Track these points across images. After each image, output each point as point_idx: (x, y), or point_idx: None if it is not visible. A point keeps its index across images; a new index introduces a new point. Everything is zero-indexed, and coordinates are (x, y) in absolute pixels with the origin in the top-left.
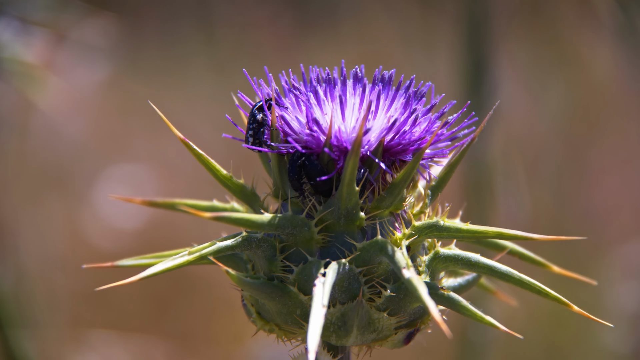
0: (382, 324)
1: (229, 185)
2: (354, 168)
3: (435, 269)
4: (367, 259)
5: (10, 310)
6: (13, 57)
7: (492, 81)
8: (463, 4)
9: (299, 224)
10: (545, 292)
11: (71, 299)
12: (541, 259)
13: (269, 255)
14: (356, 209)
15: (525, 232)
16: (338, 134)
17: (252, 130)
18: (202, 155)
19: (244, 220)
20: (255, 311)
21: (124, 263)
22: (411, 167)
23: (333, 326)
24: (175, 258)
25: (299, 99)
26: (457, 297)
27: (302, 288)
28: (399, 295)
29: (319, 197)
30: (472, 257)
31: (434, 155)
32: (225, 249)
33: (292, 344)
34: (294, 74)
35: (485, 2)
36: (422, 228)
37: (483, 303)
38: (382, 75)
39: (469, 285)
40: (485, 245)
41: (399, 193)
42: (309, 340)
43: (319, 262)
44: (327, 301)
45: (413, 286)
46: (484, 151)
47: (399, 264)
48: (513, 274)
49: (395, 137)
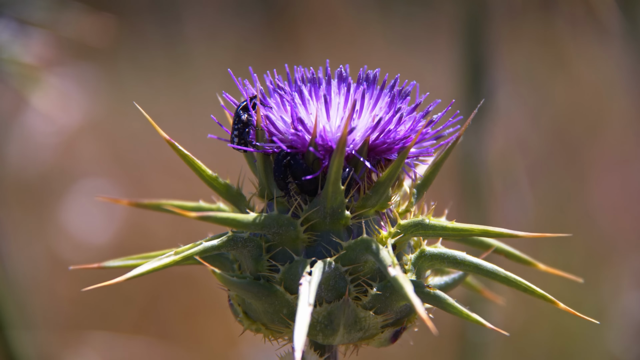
0: (369, 323)
1: (214, 186)
2: (339, 167)
3: (421, 267)
4: (353, 258)
5: (8, 311)
6: (11, 58)
7: (491, 82)
8: (462, 5)
9: (285, 223)
10: (531, 289)
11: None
12: (527, 257)
13: (255, 255)
14: (342, 208)
15: (513, 230)
16: (323, 133)
17: (237, 131)
18: (188, 155)
19: (229, 219)
20: (242, 311)
21: (110, 264)
22: (396, 166)
23: (319, 325)
24: (162, 258)
25: (284, 99)
26: (443, 295)
27: (288, 287)
28: (385, 293)
29: (304, 197)
30: (457, 255)
31: (419, 154)
32: (211, 248)
33: (279, 343)
34: (279, 74)
35: (484, 3)
36: (408, 226)
37: (482, 305)
38: (367, 75)
39: (455, 283)
40: (472, 243)
41: (385, 192)
42: (296, 339)
43: (305, 261)
44: (313, 300)
45: (399, 284)
46: (482, 152)
47: (385, 262)
48: (499, 271)
49: (380, 136)
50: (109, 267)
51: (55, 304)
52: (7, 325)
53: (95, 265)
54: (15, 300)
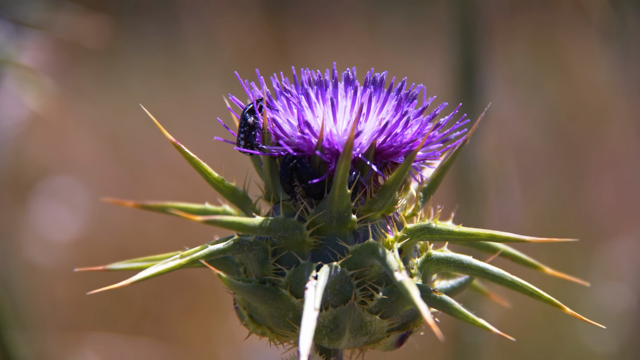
0: (375, 327)
1: (220, 188)
2: (346, 171)
3: (427, 271)
4: (359, 262)
5: (6, 312)
6: (6, 60)
7: (484, 83)
8: (455, 5)
9: (291, 227)
10: (538, 294)
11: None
12: (534, 260)
13: (260, 259)
14: (348, 212)
15: (518, 234)
16: (330, 136)
17: (243, 134)
18: (194, 158)
19: (235, 223)
20: (248, 314)
21: (115, 267)
22: (403, 170)
23: (325, 329)
24: (167, 262)
25: (291, 102)
26: (449, 299)
27: (294, 291)
28: (391, 298)
29: (310, 200)
30: (464, 259)
31: (426, 157)
32: (217, 252)
33: (284, 347)
34: (285, 77)
35: (476, 4)
36: (414, 230)
37: (475, 304)
38: (374, 78)
39: (461, 287)
40: (478, 247)
41: (391, 195)
42: (301, 344)
43: (310, 265)
44: (319, 304)
45: (405, 289)
46: (475, 153)
47: (391, 267)
48: (505, 276)
49: (387, 140)
50: (114, 269)
51: (54, 305)
52: (5, 326)
53: (100, 268)
54: (13, 301)
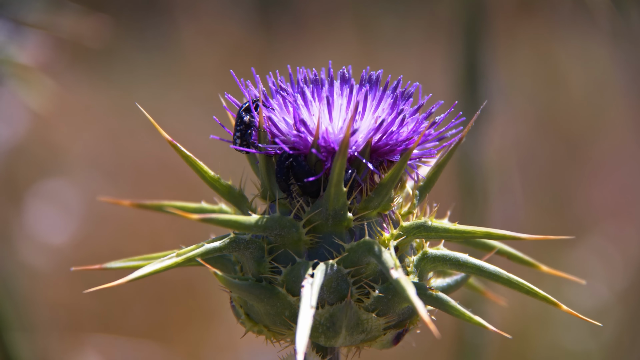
0: (371, 325)
1: (216, 187)
2: (342, 169)
3: (423, 269)
4: (356, 260)
5: (7, 313)
6: (7, 59)
7: (488, 83)
8: (459, 6)
9: (287, 225)
10: (534, 291)
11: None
12: (530, 258)
13: (257, 257)
14: (344, 210)
15: (515, 232)
16: (325, 134)
17: (239, 132)
18: (190, 157)
19: (231, 221)
20: (244, 312)
21: (112, 265)
22: (399, 168)
23: (322, 327)
24: (163, 260)
25: (287, 100)
26: (445, 297)
27: (290, 289)
28: (388, 295)
29: (306, 198)
30: (460, 257)
31: (422, 155)
32: (213, 250)
33: (281, 345)
34: (281, 75)
35: (480, 4)
36: (410, 228)
37: (476, 304)
38: (370, 76)
39: (457, 285)
40: (474, 245)
41: (387, 194)
42: (298, 342)
43: (307, 263)
44: (315, 302)
45: (401, 286)
46: (478, 152)
47: (387, 265)
48: (501, 273)
49: (383, 138)
50: (111, 268)
51: (51, 307)
52: (6, 327)
53: (97, 267)
54: (13, 303)
